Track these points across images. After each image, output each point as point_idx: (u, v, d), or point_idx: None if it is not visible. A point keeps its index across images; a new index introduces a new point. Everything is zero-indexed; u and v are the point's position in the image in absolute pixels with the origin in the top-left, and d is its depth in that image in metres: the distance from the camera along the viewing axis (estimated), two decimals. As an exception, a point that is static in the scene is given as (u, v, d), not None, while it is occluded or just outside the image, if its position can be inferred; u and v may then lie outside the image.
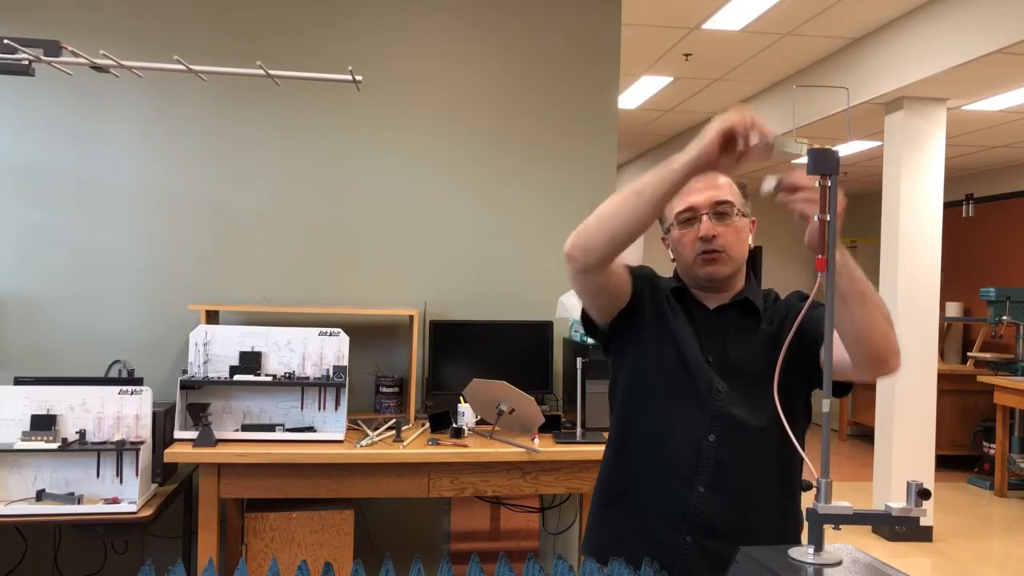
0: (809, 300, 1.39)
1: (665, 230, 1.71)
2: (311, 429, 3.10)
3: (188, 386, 3.06)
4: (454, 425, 3.14)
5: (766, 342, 1.63)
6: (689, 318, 1.67)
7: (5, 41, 1.75)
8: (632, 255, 1.73)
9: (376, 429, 3.18)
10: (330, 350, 3.15)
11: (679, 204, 1.63)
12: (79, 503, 2.77)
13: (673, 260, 1.71)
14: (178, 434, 3.00)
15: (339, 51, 3.65)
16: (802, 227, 1.34)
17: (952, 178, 7.82)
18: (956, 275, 7.85)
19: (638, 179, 1.48)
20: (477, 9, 3.78)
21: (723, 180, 1.64)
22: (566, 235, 1.60)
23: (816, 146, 1.28)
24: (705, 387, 1.61)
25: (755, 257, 10.12)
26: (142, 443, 2.85)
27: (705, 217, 1.60)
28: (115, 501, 2.79)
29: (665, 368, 1.64)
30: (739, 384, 1.60)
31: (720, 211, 1.61)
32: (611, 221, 1.49)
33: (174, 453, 2.90)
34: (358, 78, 1.97)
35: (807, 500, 1.40)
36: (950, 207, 7.78)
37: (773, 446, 1.59)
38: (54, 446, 2.78)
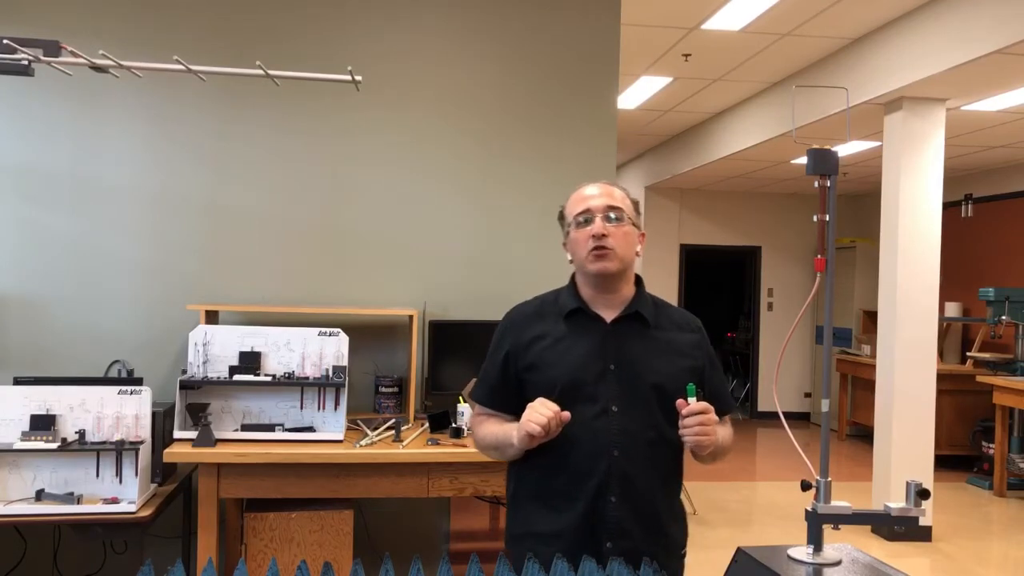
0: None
1: (565, 234, 1.86)
2: (311, 429, 3.10)
3: (188, 386, 3.06)
4: (453, 425, 3.14)
5: (660, 349, 1.81)
6: (588, 334, 1.80)
7: (5, 41, 1.75)
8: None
9: (376, 429, 3.18)
10: (329, 350, 3.15)
11: (578, 207, 1.81)
12: (78, 503, 2.78)
13: (571, 261, 1.85)
14: (177, 434, 3.00)
15: (339, 54, 3.65)
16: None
17: (951, 178, 7.82)
18: (955, 275, 7.85)
19: (497, 430, 1.80)
20: (476, 11, 3.78)
21: (619, 193, 1.84)
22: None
23: (816, 147, 1.29)
24: (601, 407, 1.74)
25: (754, 257, 10.13)
26: (141, 443, 2.85)
27: (598, 218, 1.77)
28: (114, 501, 2.79)
29: (561, 389, 1.74)
30: (637, 390, 1.75)
31: (612, 215, 1.78)
32: (490, 452, 1.86)
33: (173, 453, 2.90)
34: (357, 78, 1.97)
35: (807, 500, 1.40)
36: (949, 207, 7.79)
37: (667, 449, 1.77)
38: (53, 446, 2.78)
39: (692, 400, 1.64)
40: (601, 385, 1.74)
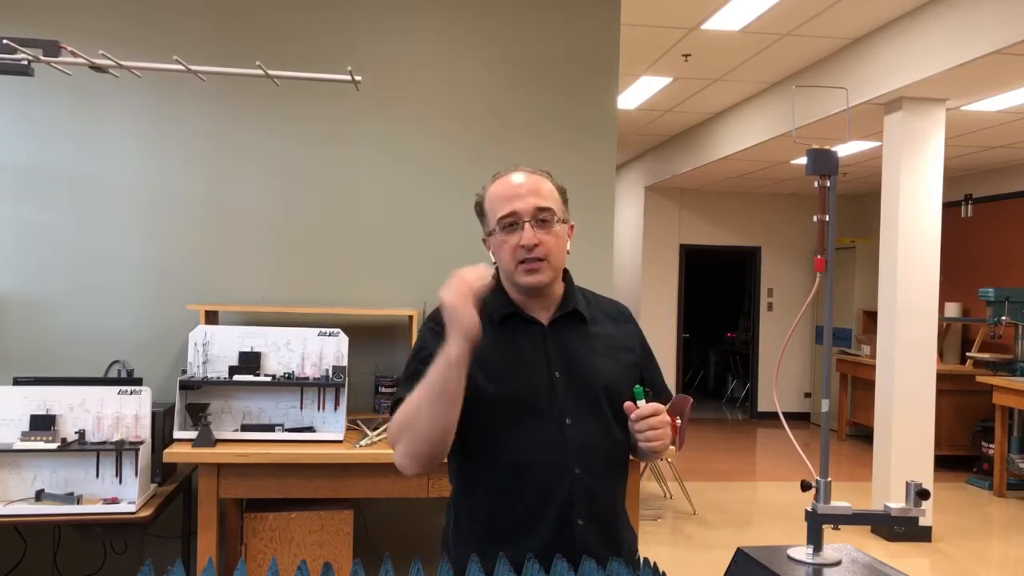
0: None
1: (488, 232, 1.67)
2: (310, 429, 3.10)
3: (187, 386, 3.06)
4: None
5: (602, 347, 1.68)
6: (526, 339, 1.65)
7: (5, 41, 1.75)
8: (631, 263, 1.75)
9: (375, 429, 3.18)
10: (329, 350, 3.15)
11: (502, 208, 1.60)
12: (78, 503, 2.78)
13: (494, 262, 1.68)
14: (177, 434, 3.01)
15: (339, 54, 3.65)
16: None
17: (951, 178, 7.82)
18: (955, 275, 7.85)
19: (423, 382, 1.51)
20: (476, 12, 3.78)
21: (547, 187, 1.63)
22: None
23: (816, 147, 1.29)
24: (554, 421, 1.58)
25: (754, 257, 10.13)
26: (141, 443, 2.85)
27: (527, 225, 1.57)
28: (114, 501, 2.79)
29: (507, 407, 1.59)
30: (587, 397, 1.61)
31: (542, 218, 1.59)
32: (420, 425, 1.51)
33: (173, 453, 2.90)
34: (357, 78, 1.97)
35: (807, 500, 1.40)
36: (949, 207, 7.78)
37: (620, 453, 1.67)
38: (53, 446, 2.78)
39: (641, 403, 1.54)
40: (550, 396, 1.59)
